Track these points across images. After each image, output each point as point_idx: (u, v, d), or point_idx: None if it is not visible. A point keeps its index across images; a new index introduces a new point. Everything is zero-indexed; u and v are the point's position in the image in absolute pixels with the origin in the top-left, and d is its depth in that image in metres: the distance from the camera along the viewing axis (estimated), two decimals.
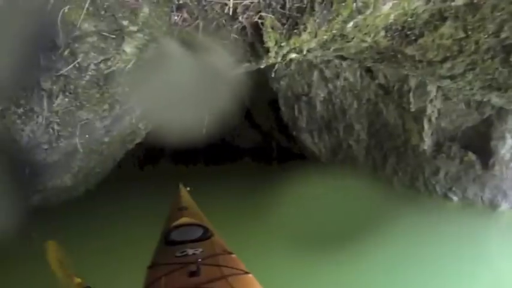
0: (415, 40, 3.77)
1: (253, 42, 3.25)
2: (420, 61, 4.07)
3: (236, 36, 3.19)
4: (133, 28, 2.85)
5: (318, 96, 7.95)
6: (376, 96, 7.31)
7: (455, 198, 7.19)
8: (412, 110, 6.74)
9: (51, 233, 5.54)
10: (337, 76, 7.42)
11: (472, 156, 6.77)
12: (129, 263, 4.16)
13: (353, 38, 3.52)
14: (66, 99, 3.12)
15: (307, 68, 7.63)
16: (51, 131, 3.32)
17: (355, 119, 7.90)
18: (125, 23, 2.80)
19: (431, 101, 6.53)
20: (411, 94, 6.60)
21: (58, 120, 3.26)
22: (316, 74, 7.62)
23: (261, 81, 8.93)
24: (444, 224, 6.60)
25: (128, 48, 2.97)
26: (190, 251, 2.85)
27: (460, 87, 4.77)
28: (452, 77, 4.41)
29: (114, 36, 2.82)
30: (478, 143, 6.73)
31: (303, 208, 6.98)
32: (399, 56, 4.07)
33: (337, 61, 7.12)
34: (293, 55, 3.46)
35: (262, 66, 3.87)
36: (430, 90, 6.41)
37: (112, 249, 5.48)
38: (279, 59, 3.48)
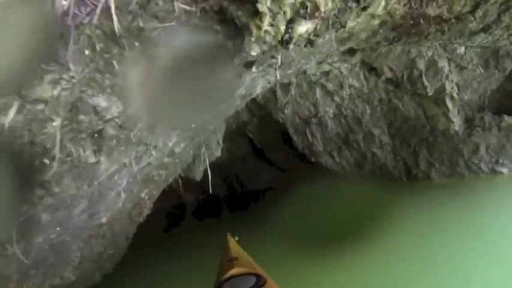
0: None
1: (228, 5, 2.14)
2: (447, 20, 3.67)
3: None
4: None
5: (327, 113, 7.58)
6: (387, 93, 6.95)
7: (505, 170, 6.65)
8: (430, 93, 6.35)
9: None
10: (341, 86, 7.09)
11: (509, 119, 6.29)
12: None
13: None
14: None
15: (308, 88, 7.31)
16: None
17: (372, 125, 7.48)
18: None
19: (447, 76, 6.16)
20: (424, 77, 6.24)
21: None
22: (318, 91, 7.29)
23: (264, 118, 8.63)
24: (494, 201, 6.24)
25: None
26: None
27: (497, 37, 4.35)
28: (486, 28, 4.01)
29: None
30: (510, 103, 6.31)
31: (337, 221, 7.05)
32: (421, 22, 3.65)
33: (336, 71, 6.86)
34: (303, 28, 2.40)
35: (251, 54, 2.74)
36: (442, 66, 6.06)
37: None
38: (279, 38, 2.38)
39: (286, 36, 2.41)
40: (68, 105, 2.06)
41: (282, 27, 2.34)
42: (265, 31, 2.26)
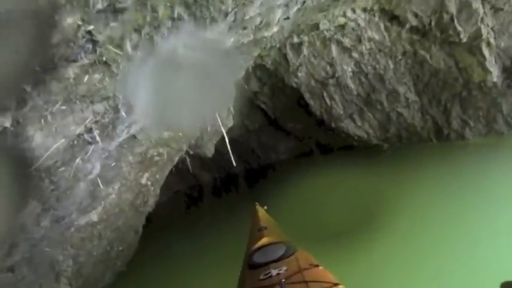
0: None
1: None
2: None
3: None
4: None
5: (346, 72, 6.83)
6: (412, 44, 6.14)
7: None
8: (464, 40, 5.53)
9: None
10: (359, 40, 6.32)
11: None
12: None
13: None
14: None
15: (322, 46, 6.56)
16: None
17: (396, 82, 6.71)
18: None
19: (482, 20, 5.32)
20: (456, 21, 5.41)
21: None
22: (334, 48, 6.54)
23: (276, 85, 7.97)
24: None
25: None
26: (274, 272, 2.75)
27: None
28: None
29: None
30: None
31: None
32: None
33: (353, 23, 6.08)
34: None
35: None
36: (476, 7, 5.22)
37: None
38: None
39: None
40: None
41: None
42: None
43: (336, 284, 2.45)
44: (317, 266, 2.74)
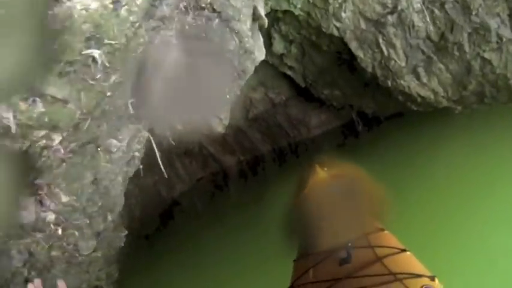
0: None
1: None
2: None
3: None
4: None
5: (412, 3, 4.92)
6: None
7: None
8: None
9: None
10: None
11: None
12: None
13: None
14: None
15: None
16: None
17: (486, 13, 4.77)
18: None
19: None
20: None
21: None
22: None
23: (308, 40, 6.21)
24: None
25: None
26: None
27: None
28: None
29: None
30: None
31: None
32: None
33: None
34: None
35: None
36: None
37: None
38: None
39: None
40: None
41: None
42: None
43: (403, 250, 2.27)
44: (382, 230, 2.57)
